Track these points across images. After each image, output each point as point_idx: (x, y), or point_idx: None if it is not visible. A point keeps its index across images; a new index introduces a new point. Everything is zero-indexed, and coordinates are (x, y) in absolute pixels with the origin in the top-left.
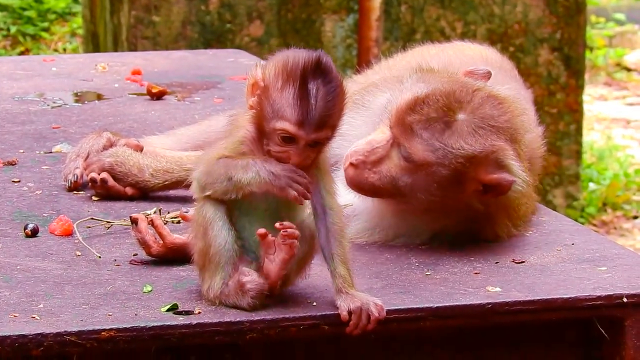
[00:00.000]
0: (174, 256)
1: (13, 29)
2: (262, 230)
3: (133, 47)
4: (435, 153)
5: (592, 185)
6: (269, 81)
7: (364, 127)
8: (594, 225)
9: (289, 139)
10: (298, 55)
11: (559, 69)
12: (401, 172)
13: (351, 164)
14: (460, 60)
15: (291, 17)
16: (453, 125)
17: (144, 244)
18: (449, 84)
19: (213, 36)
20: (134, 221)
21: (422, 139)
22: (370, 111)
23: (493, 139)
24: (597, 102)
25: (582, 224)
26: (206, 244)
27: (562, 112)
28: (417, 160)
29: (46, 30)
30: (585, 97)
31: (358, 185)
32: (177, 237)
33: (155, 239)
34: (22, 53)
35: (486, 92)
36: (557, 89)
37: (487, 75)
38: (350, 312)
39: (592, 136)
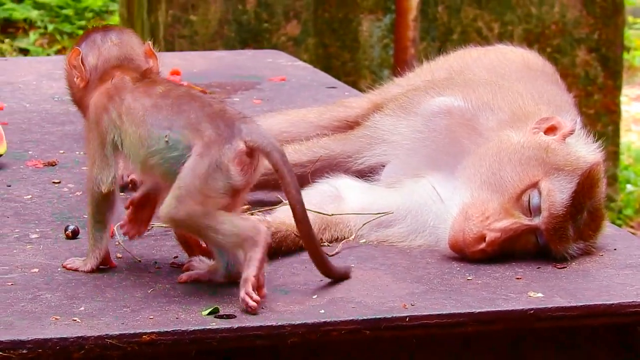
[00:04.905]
0: None
1: (50, 27)
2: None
3: (170, 46)
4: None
5: (629, 187)
6: None
7: (408, 132)
8: (631, 227)
9: None
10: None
11: (596, 70)
12: (525, 245)
13: (483, 250)
14: (502, 64)
15: (328, 16)
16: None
17: (187, 246)
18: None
19: (250, 35)
20: None
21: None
22: (417, 117)
23: None
24: (634, 103)
25: (620, 225)
26: None
27: (599, 113)
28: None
29: (83, 28)
30: (623, 98)
31: (463, 254)
32: None
33: (198, 241)
34: (59, 51)
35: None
36: (594, 90)
37: (569, 134)
38: None
39: (629, 137)
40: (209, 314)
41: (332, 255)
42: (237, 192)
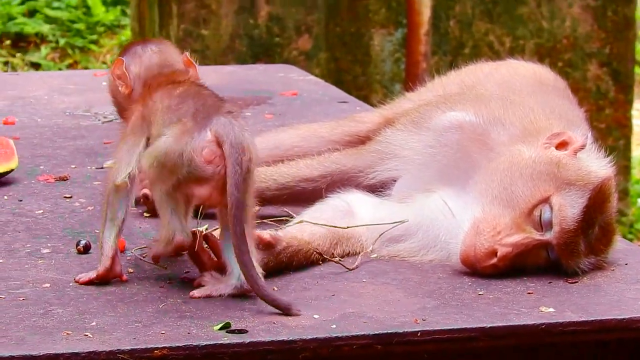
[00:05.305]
0: None
1: (62, 42)
2: None
3: None
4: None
5: None
6: None
7: (419, 147)
8: None
9: None
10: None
11: (607, 84)
12: (537, 259)
13: (494, 265)
14: (514, 78)
15: (339, 31)
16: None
17: (198, 261)
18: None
19: (261, 50)
20: None
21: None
22: (428, 132)
23: None
24: None
25: (631, 240)
26: None
27: (610, 127)
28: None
29: (95, 42)
30: (634, 112)
31: (474, 269)
32: None
33: (210, 256)
34: (70, 65)
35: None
36: (605, 104)
37: (581, 149)
38: None
39: None
40: (221, 329)
41: (352, 269)
42: (207, 180)
